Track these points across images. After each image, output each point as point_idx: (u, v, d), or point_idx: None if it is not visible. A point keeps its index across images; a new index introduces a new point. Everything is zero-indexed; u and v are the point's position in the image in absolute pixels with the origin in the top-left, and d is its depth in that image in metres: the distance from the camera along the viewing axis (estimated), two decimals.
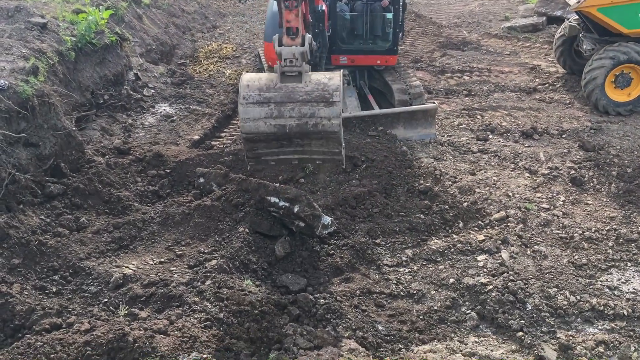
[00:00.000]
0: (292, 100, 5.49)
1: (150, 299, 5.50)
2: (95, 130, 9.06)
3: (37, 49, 8.34)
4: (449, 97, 11.29)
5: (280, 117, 5.54)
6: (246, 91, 5.53)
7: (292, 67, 5.56)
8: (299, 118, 5.54)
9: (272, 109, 5.51)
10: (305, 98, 5.49)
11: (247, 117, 5.57)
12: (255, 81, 5.56)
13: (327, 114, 5.53)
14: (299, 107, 5.51)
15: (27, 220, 6.37)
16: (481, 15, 17.05)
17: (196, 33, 15.18)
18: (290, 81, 5.54)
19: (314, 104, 5.50)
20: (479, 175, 8.30)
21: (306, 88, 5.50)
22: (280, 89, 5.51)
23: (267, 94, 5.49)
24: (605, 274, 6.46)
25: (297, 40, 5.63)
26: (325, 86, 5.48)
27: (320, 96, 5.47)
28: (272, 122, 5.56)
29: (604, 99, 10.16)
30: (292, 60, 5.56)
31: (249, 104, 5.52)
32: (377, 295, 6.06)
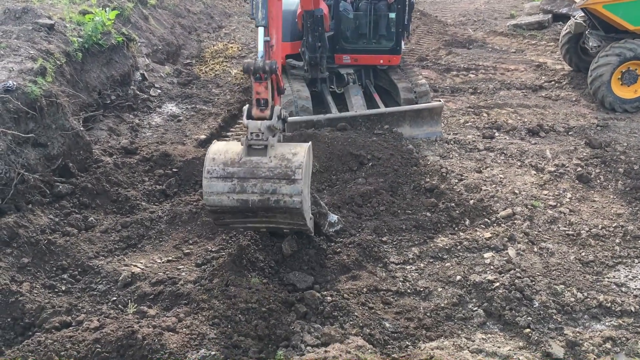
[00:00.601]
0: (254, 176, 5.49)
1: (159, 297, 5.54)
2: (102, 130, 9.12)
3: (44, 50, 8.41)
4: (455, 95, 11.30)
5: (243, 192, 5.51)
6: (211, 165, 5.53)
7: (258, 141, 5.54)
8: (261, 194, 5.51)
9: (234, 184, 5.49)
10: (267, 174, 5.48)
11: (210, 191, 5.55)
12: (221, 154, 5.56)
13: (289, 191, 5.49)
14: (261, 184, 5.49)
15: (36, 220, 6.43)
16: (486, 13, 17.04)
17: (202, 33, 15.24)
18: (256, 154, 5.54)
19: (275, 181, 5.48)
20: (485, 173, 8.31)
21: (270, 164, 5.50)
22: (244, 164, 5.51)
23: (231, 169, 5.50)
24: (612, 270, 6.45)
25: (266, 112, 5.60)
26: (289, 162, 5.48)
27: (282, 173, 5.46)
28: (234, 197, 5.53)
29: (610, 96, 10.14)
30: (258, 134, 5.52)
31: (212, 178, 5.51)
32: (384, 293, 6.08)
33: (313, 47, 9.37)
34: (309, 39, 9.28)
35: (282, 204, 5.54)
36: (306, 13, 8.85)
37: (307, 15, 8.87)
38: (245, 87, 11.61)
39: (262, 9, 5.67)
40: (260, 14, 5.69)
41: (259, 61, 5.45)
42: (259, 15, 5.68)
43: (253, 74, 5.45)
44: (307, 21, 8.94)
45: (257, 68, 5.41)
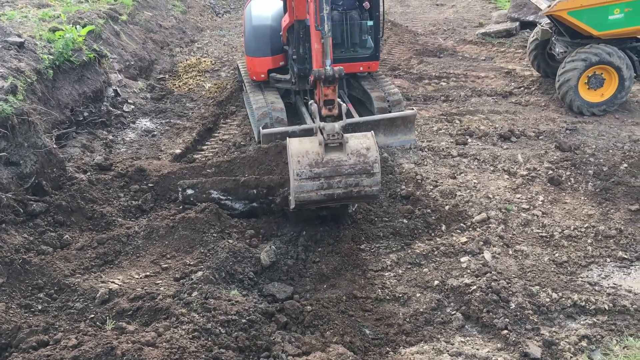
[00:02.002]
0: (339, 173, 6.25)
1: (137, 313, 5.50)
2: (75, 148, 9.03)
3: (15, 68, 8.33)
4: (428, 103, 11.44)
5: (329, 188, 6.29)
6: (298, 167, 6.19)
7: (335, 140, 6.23)
8: (345, 187, 6.32)
9: (322, 183, 6.25)
10: (350, 171, 6.26)
11: (300, 191, 6.27)
12: (304, 156, 6.21)
13: (369, 183, 6.35)
14: (345, 179, 6.28)
15: (10, 239, 6.34)
16: (456, 22, 17.30)
17: (174, 48, 15.21)
18: (334, 151, 6.26)
19: (357, 176, 6.29)
20: (460, 179, 8.43)
21: (349, 161, 6.25)
22: (327, 164, 6.22)
23: (317, 170, 6.21)
24: (585, 270, 6.59)
25: (334, 111, 6.48)
26: (366, 158, 6.27)
27: (362, 169, 6.27)
28: (322, 192, 6.31)
29: (578, 100, 10.37)
30: (334, 134, 6.22)
31: (302, 180, 6.22)
32: (363, 300, 6.13)
33: (303, 59, 9.40)
34: (300, 51, 9.28)
35: (363, 194, 6.43)
36: (298, 23, 8.87)
37: (299, 25, 8.89)
38: (219, 100, 11.62)
39: (328, 22, 6.34)
40: (327, 26, 6.38)
41: (329, 69, 6.29)
42: (326, 27, 6.38)
43: (324, 80, 6.30)
44: (300, 32, 8.96)
45: (327, 75, 6.29)
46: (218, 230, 6.87)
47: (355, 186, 6.32)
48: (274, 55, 10.28)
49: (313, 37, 6.63)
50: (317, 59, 6.57)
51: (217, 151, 9.60)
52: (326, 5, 6.32)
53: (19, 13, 11.36)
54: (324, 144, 6.20)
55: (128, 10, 14.38)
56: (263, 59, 10.26)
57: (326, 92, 6.34)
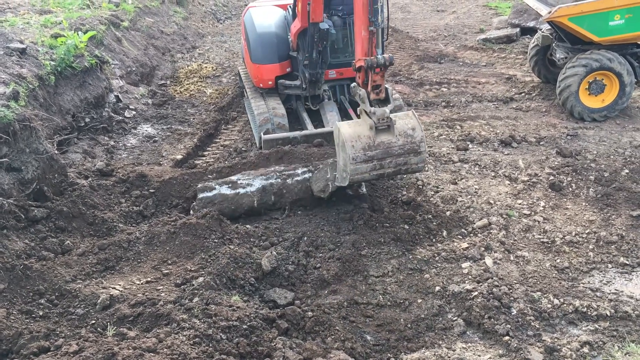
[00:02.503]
0: (390, 155, 6.80)
1: (138, 319, 5.49)
2: (77, 153, 9.06)
3: (17, 74, 8.36)
4: (428, 109, 11.46)
5: (381, 168, 6.86)
6: (353, 152, 6.67)
7: (384, 123, 6.73)
8: (395, 166, 6.91)
9: (375, 164, 6.80)
10: (399, 152, 6.81)
11: (356, 173, 6.81)
12: (356, 141, 6.71)
13: (417, 161, 6.96)
14: (395, 159, 6.85)
15: (12, 245, 6.34)
16: (456, 28, 17.35)
17: (176, 54, 15.25)
18: (383, 134, 6.77)
19: (406, 155, 6.85)
20: (461, 185, 8.43)
21: (399, 142, 6.77)
22: (379, 146, 6.73)
23: (370, 153, 6.72)
24: (587, 276, 6.58)
25: (381, 95, 6.82)
26: (413, 138, 6.82)
27: (410, 149, 6.83)
28: (374, 173, 6.88)
29: (579, 106, 10.39)
30: (384, 118, 6.70)
31: (357, 163, 6.73)
32: (364, 306, 6.12)
33: (315, 64, 9.43)
34: (313, 55, 9.30)
35: (410, 170, 7.10)
36: (313, 27, 8.88)
37: (314, 29, 8.91)
38: (220, 106, 11.65)
39: (382, 13, 6.75)
40: (380, 17, 6.72)
41: (380, 58, 6.63)
42: (379, 18, 6.71)
43: (376, 67, 6.63)
44: (314, 36, 8.99)
45: (380, 64, 6.62)
46: (219, 235, 6.86)
47: (404, 164, 6.89)
48: (281, 62, 10.30)
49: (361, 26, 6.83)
50: (363, 48, 6.84)
51: (219, 157, 9.61)
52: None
53: (21, 19, 11.39)
54: (374, 128, 6.66)
55: (130, 16, 14.43)
56: (271, 66, 10.25)
57: (375, 79, 6.71)
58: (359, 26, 6.84)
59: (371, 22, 6.69)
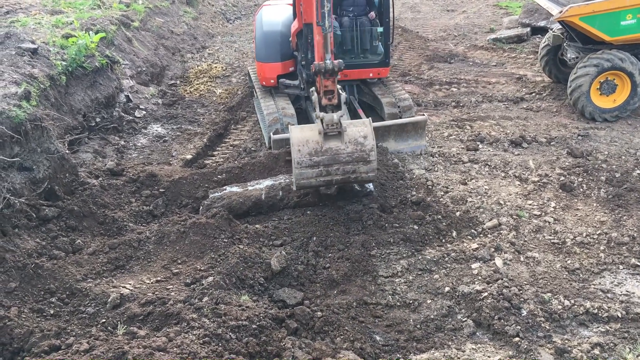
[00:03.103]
0: (337, 161, 6.65)
1: (148, 318, 5.51)
2: (88, 153, 9.11)
3: (28, 74, 8.41)
4: (438, 109, 11.43)
5: (328, 175, 6.72)
6: (299, 156, 6.59)
7: (333, 129, 6.61)
8: (343, 174, 6.74)
9: (321, 170, 6.66)
10: (347, 159, 6.65)
11: (301, 178, 6.72)
12: (304, 145, 6.60)
13: (366, 169, 6.77)
14: (343, 167, 6.69)
15: (23, 244, 6.39)
16: (466, 28, 17.29)
17: (186, 54, 15.30)
18: (332, 140, 6.64)
19: (354, 163, 6.69)
20: (470, 185, 8.40)
21: (347, 149, 6.62)
22: (326, 152, 6.60)
23: (316, 158, 6.60)
24: (598, 277, 6.54)
25: (334, 100, 6.73)
26: (363, 146, 6.65)
27: (359, 157, 6.66)
28: (321, 179, 6.74)
29: (590, 106, 10.32)
30: (333, 124, 6.58)
31: (302, 168, 6.63)
32: (373, 306, 6.11)
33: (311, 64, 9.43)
34: (309, 56, 9.30)
35: (359, 179, 6.86)
36: (307, 27, 8.90)
37: (308, 30, 8.92)
38: (230, 106, 11.67)
39: (329, 18, 6.59)
40: (327, 23, 6.61)
41: (329, 63, 6.56)
42: (327, 24, 6.61)
43: (324, 73, 6.56)
44: (308, 36, 8.99)
45: (328, 69, 6.55)
46: (228, 235, 6.88)
47: (353, 173, 6.71)
48: (283, 61, 10.33)
49: (315, 30, 6.86)
50: (318, 51, 6.82)
51: (228, 157, 9.64)
52: (327, 3, 6.54)
53: (33, 20, 11.47)
54: (323, 133, 6.54)
55: (140, 16, 14.50)
56: (273, 65, 10.32)
57: (326, 84, 6.64)
58: (314, 31, 6.89)
59: (319, 26, 6.65)
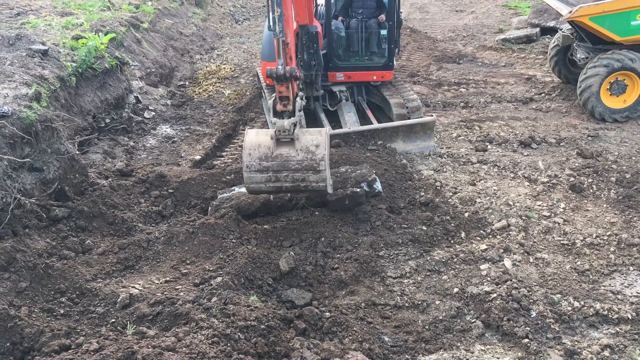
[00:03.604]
0: (286, 168, 6.54)
1: (157, 318, 5.54)
2: (97, 154, 9.16)
3: (39, 75, 8.47)
4: (447, 110, 11.40)
5: (277, 181, 6.61)
6: (248, 160, 6.54)
7: (285, 136, 6.49)
8: (292, 182, 6.61)
9: (270, 176, 6.57)
10: (297, 167, 6.53)
11: (250, 182, 6.64)
12: (255, 149, 6.54)
13: (315, 179, 6.60)
14: (292, 174, 6.56)
15: (33, 244, 6.43)
16: (475, 28, 17.25)
17: (195, 55, 15.36)
18: (284, 146, 6.55)
19: (304, 172, 6.55)
20: (479, 186, 8.37)
21: (297, 157, 6.52)
22: (276, 158, 6.52)
23: (266, 163, 6.53)
24: (608, 278, 6.50)
25: (289, 107, 6.60)
26: (313, 155, 6.52)
27: (309, 165, 6.53)
28: (270, 185, 6.65)
29: (600, 107, 10.27)
30: (284, 131, 6.45)
31: (251, 172, 6.56)
32: (382, 307, 6.10)
33: (308, 65, 9.44)
34: (304, 57, 9.32)
35: (309, 188, 6.70)
36: (301, 29, 8.91)
37: (302, 31, 8.93)
38: (238, 107, 11.70)
39: (280, 23, 6.51)
40: (278, 28, 6.51)
41: (280, 69, 6.46)
42: (277, 29, 6.53)
43: (276, 78, 6.45)
44: (303, 38, 9.00)
45: (279, 74, 6.44)
46: (237, 236, 6.90)
47: (302, 181, 6.60)
48: None
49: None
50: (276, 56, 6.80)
51: (237, 157, 9.65)
52: (277, 7, 6.48)
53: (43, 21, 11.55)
54: (275, 139, 6.50)
55: (149, 18, 14.57)
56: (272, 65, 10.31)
57: (280, 90, 6.57)
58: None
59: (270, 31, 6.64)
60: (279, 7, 6.47)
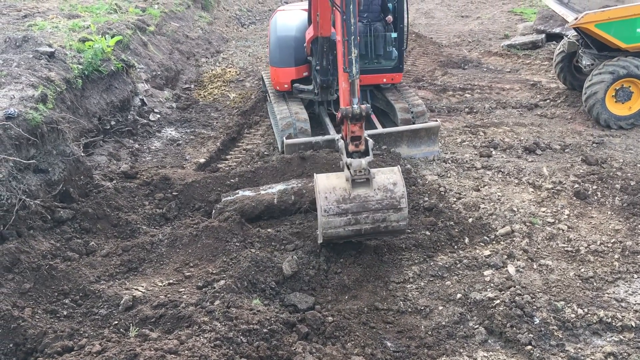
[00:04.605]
0: (366, 209, 6.32)
1: (160, 320, 5.55)
2: (102, 156, 9.20)
3: (45, 77, 8.51)
4: (451, 115, 11.40)
5: (357, 223, 6.36)
6: (326, 204, 6.28)
7: (362, 176, 6.31)
8: (372, 223, 6.38)
9: (349, 219, 6.32)
10: (377, 207, 6.33)
11: (328, 227, 6.34)
12: (331, 192, 6.32)
13: (396, 218, 6.42)
14: (372, 215, 6.35)
15: (38, 245, 6.45)
16: (481, 34, 17.25)
17: (200, 58, 15.41)
18: (361, 187, 6.35)
19: (384, 211, 6.36)
20: (483, 191, 8.36)
21: (376, 197, 6.33)
22: (354, 199, 6.30)
23: (345, 206, 6.29)
24: (612, 286, 6.47)
25: (361, 147, 6.44)
26: (393, 193, 6.36)
27: (389, 204, 6.35)
28: (349, 228, 6.38)
29: (605, 113, 10.25)
30: (361, 171, 6.29)
31: (329, 216, 6.29)
32: (384, 312, 6.10)
33: (326, 71, 9.47)
34: (323, 63, 9.35)
35: (390, 229, 6.49)
36: (323, 39, 8.94)
37: (323, 40, 8.96)
38: (243, 110, 11.73)
39: (356, 64, 6.36)
40: (354, 69, 6.36)
41: (356, 108, 6.30)
42: (354, 70, 6.37)
43: (351, 118, 6.32)
44: (324, 46, 9.03)
45: (355, 114, 6.30)
46: (240, 239, 6.91)
47: (383, 221, 6.38)
48: (297, 66, 10.38)
49: (341, 77, 6.68)
50: (344, 97, 6.60)
51: (241, 161, 9.67)
52: (354, 49, 6.33)
53: (50, 23, 11.62)
54: (351, 180, 6.28)
55: (156, 21, 14.63)
56: (287, 70, 10.36)
57: (353, 129, 6.41)
58: (340, 78, 6.72)
59: (346, 73, 6.46)
60: (356, 49, 6.33)
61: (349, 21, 6.30)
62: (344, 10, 6.29)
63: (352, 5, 6.27)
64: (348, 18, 6.29)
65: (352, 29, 6.30)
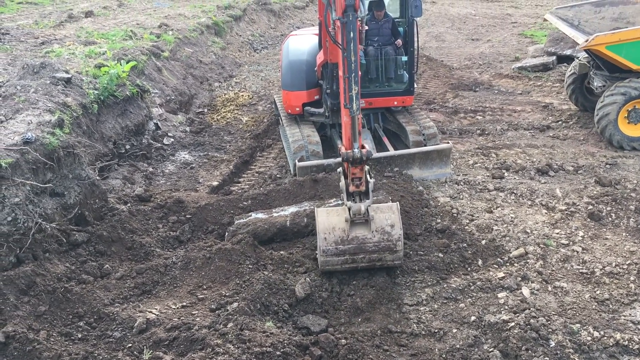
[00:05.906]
0: (363, 251, 6.55)
1: (174, 343, 5.56)
2: (117, 179, 9.31)
3: (62, 103, 8.67)
4: (463, 137, 11.42)
5: (354, 262, 6.64)
6: (324, 244, 6.51)
7: (360, 218, 6.52)
8: (368, 262, 6.65)
9: (347, 258, 6.57)
10: (373, 249, 6.55)
11: (326, 265, 6.63)
12: (330, 233, 6.53)
13: (392, 258, 6.67)
14: (369, 255, 6.59)
15: (53, 268, 6.52)
16: (491, 56, 17.33)
17: (213, 83, 15.60)
18: (359, 228, 6.56)
19: (380, 252, 6.59)
20: (496, 213, 8.34)
21: (374, 239, 6.52)
22: (352, 241, 6.52)
23: (342, 247, 6.51)
24: (628, 308, 6.40)
25: (362, 187, 6.58)
26: (390, 236, 6.54)
27: (386, 247, 6.55)
28: (346, 266, 6.66)
29: (618, 134, 10.22)
30: (360, 214, 6.47)
31: (327, 256, 6.54)
32: (398, 335, 6.06)
33: (336, 95, 9.56)
34: (333, 87, 9.44)
35: (385, 266, 6.76)
36: (332, 64, 9.04)
37: (333, 65, 9.05)
38: (256, 133, 11.83)
39: (357, 101, 6.36)
40: (355, 106, 6.37)
41: (357, 152, 6.40)
42: (354, 106, 6.38)
43: (352, 162, 6.42)
44: (333, 71, 9.11)
45: (355, 158, 6.40)
46: (253, 261, 6.93)
47: (379, 260, 6.64)
48: (309, 90, 10.48)
49: (342, 111, 6.72)
50: (346, 133, 6.64)
51: (254, 183, 9.74)
52: (355, 86, 6.33)
53: (67, 50, 11.87)
54: (350, 221, 6.49)
55: (170, 47, 14.87)
56: (298, 93, 10.47)
57: (354, 172, 6.55)
58: (342, 112, 6.72)
59: (347, 108, 6.46)
60: (356, 86, 6.34)
61: (350, 59, 6.31)
62: (345, 48, 6.33)
63: (353, 44, 6.28)
64: (349, 56, 6.32)
65: (352, 66, 6.32)
